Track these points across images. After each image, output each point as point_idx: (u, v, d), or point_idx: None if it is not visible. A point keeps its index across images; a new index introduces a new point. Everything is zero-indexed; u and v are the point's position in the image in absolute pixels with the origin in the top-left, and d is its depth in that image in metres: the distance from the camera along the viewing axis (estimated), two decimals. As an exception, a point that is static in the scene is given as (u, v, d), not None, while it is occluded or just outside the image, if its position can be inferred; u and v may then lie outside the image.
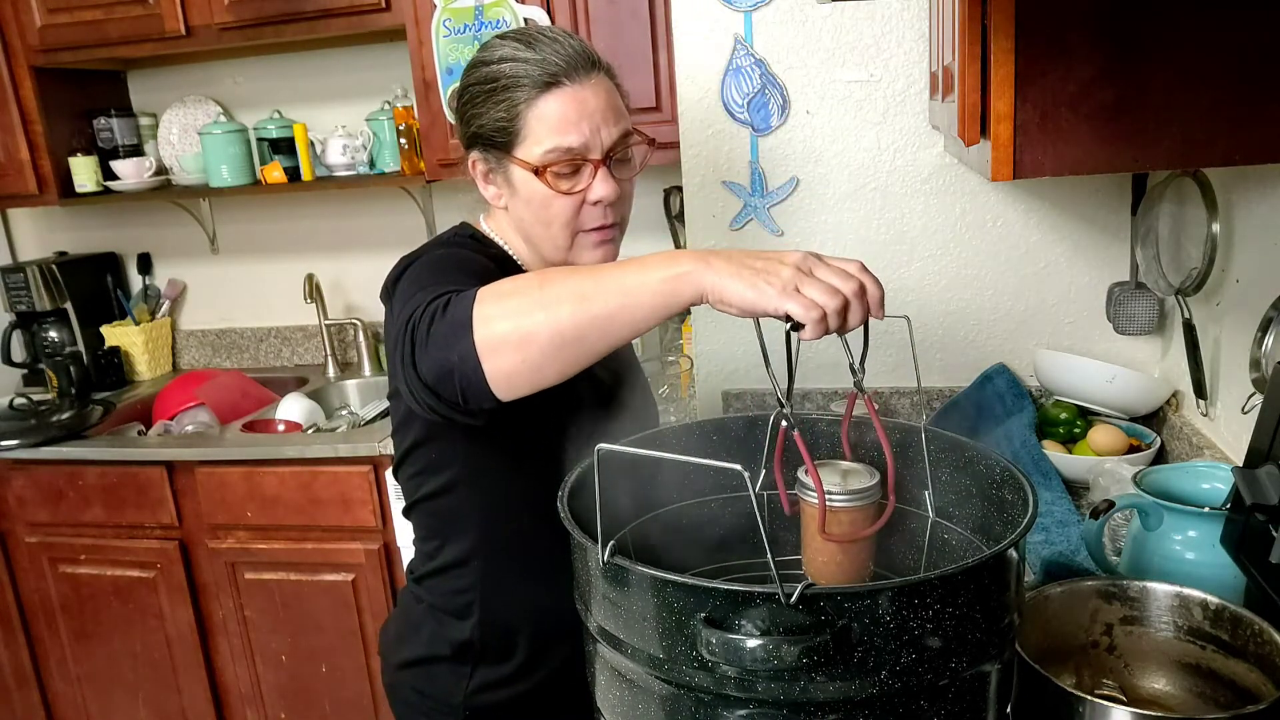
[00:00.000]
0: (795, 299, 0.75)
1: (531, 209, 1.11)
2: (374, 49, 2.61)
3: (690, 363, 2.08)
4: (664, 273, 0.79)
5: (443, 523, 1.18)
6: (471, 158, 1.14)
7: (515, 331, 0.81)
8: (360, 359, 2.82)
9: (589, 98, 1.08)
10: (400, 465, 1.19)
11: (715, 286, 0.77)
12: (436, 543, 1.19)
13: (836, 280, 0.77)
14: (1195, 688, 0.98)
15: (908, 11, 1.76)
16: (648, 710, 0.73)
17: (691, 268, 0.78)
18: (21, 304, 2.77)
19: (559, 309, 0.80)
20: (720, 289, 0.77)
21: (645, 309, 0.79)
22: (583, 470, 0.88)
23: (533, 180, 1.09)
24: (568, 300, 0.80)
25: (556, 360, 0.82)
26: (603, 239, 1.13)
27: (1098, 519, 1.13)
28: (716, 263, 0.78)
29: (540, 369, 0.82)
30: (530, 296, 0.82)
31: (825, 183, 1.88)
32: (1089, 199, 1.80)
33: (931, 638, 0.66)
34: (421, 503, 1.18)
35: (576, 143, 1.07)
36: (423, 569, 1.22)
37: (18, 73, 2.50)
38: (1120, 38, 0.97)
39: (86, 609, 2.47)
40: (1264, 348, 1.27)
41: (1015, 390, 1.81)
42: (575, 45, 1.09)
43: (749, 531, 0.98)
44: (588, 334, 0.80)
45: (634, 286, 0.79)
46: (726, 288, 0.76)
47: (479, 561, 1.16)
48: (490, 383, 0.83)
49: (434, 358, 0.85)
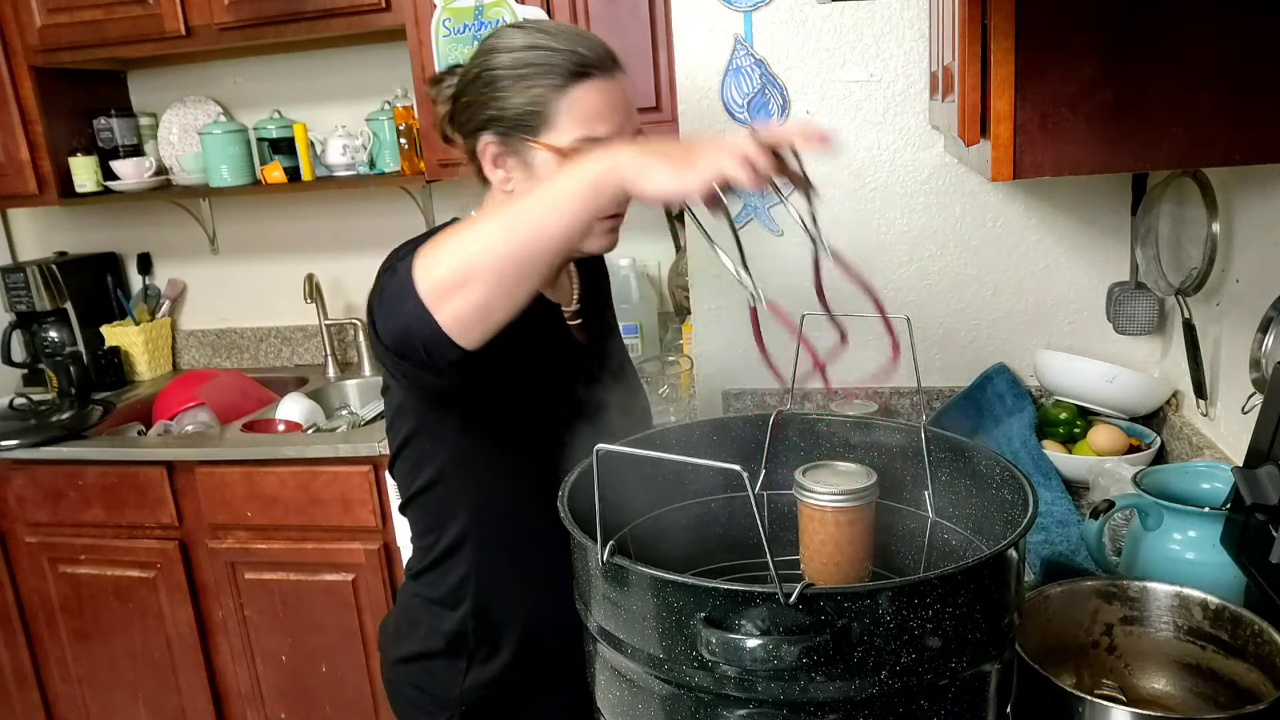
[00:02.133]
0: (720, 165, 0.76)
1: None
2: (374, 49, 2.61)
3: (690, 363, 2.08)
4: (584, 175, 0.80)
5: (436, 515, 1.19)
6: (484, 140, 1.12)
7: (454, 273, 0.83)
8: (360, 359, 2.82)
9: (618, 94, 1.09)
10: (395, 461, 1.20)
11: (634, 179, 0.78)
12: (432, 537, 1.19)
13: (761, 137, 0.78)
14: (1195, 688, 0.98)
15: (908, 11, 1.76)
16: (648, 710, 0.73)
17: (606, 166, 0.79)
18: (21, 304, 2.76)
19: (490, 240, 0.82)
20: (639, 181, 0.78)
21: (572, 214, 0.81)
22: (582, 470, 0.88)
23: (557, 166, 1.08)
24: (496, 230, 0.82)
25: (501, 290, 0.83)
26: (612, 226, 1.14)
27: (1098, 519, 1.13)
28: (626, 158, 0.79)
29: (489, 304, 0.83)
30: (462, 238, 0.84)
31: (825, 183, 1.88)
32: (1089, 199, 1.80)
33: (931, 638, 0.66)
34: (416, 497, 1.19)
35: (605, 134, 1.08)
36: (419, 564, 1.23)
37: (18, 73, 2.50)
38: (1120, 38, 0.97)
39: (86, 609, 2.47)
40: (1264, 348, 1.27)
41: (1015, 390, 1.81)
42: (599, 41, 1.11)
43: (749, 531, 0.98)
44: (523, 255, 0.82)
45: (558, 195, 0.81)
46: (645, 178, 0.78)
47: (470, 551, 1.17)
48: (445, 330, 0.84)
49: (390, 322, 0.87)
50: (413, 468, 1.17)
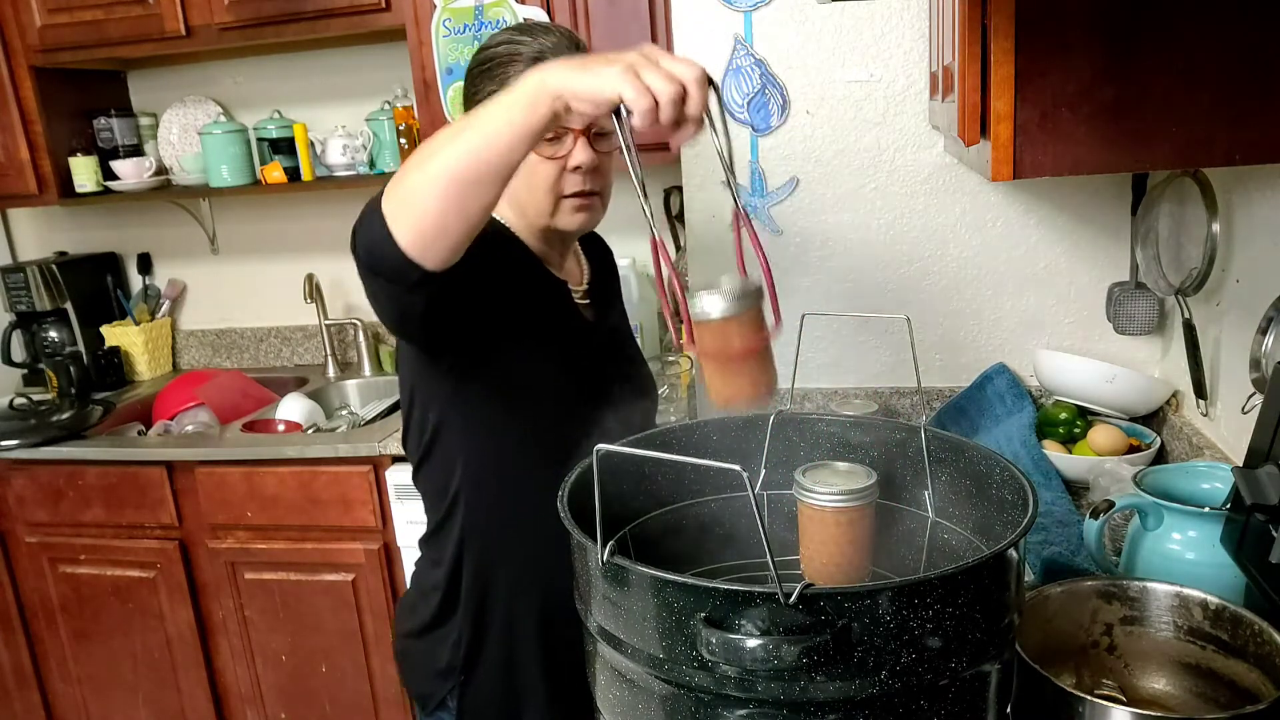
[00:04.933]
0: (633, 80, 0.79)
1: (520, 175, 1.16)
2: (374, 49, 2.61)
3: (690, 363, 2.08)
4: (517, 92, 0.84)
5: (438, 482, 1.22)
6: None
7: (406, 190, 0.88)
8: (360, 359, 2.82)
9: None
10: (406, 435, 1.25)
11: (561, 85, 0.81)
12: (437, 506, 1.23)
13: (678, 68, 0.80)
14: (1195, 688, 0.98)
15: (908, 11, 1.76)
16: (648, 710, 0.73)
17: (539, 76, 0.83)
18: (21, 304, 2.76)
19: (436, 157, 0.86)
20: (564, 85, 0.81)
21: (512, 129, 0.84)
22: (582, 470, 0.88)
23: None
24: (442, 145, 0.86)
25: (453, 206, 0.86)
26: (582, 204, 1.18)
27: (1098, 519, 1.13)
28: (561, 66, 0.83)
29: (441, 216, 0.87)
30: (418, 156, 0.88)
31: (825, 183, 1.88)
32: (1089, 199, 1.80)
33: (931, 638, 0.66)
34: (421, 466, 1.24)
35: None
36: (426, 533, 1.28)
37: (18, 73, 2.50)
38: (1120, 38, 0.98)
39: (86, 609, 2.47)
40: (1264, 348, 1.27)
41: (1015, 390, 1.81)
42: (564, 32, 1.18)
43: (749, 531, 0.98)
44: (472, 169, 0.85)
45: (495, 112, 0.84)
46: (570, 82, 0.81)
47: (461, 515, 1.20)
48: (401, 244, 0.88)
49: (362, 240, 0.93)
50: (418, 436, 1.22)
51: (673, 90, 0.79)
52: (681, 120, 0.81)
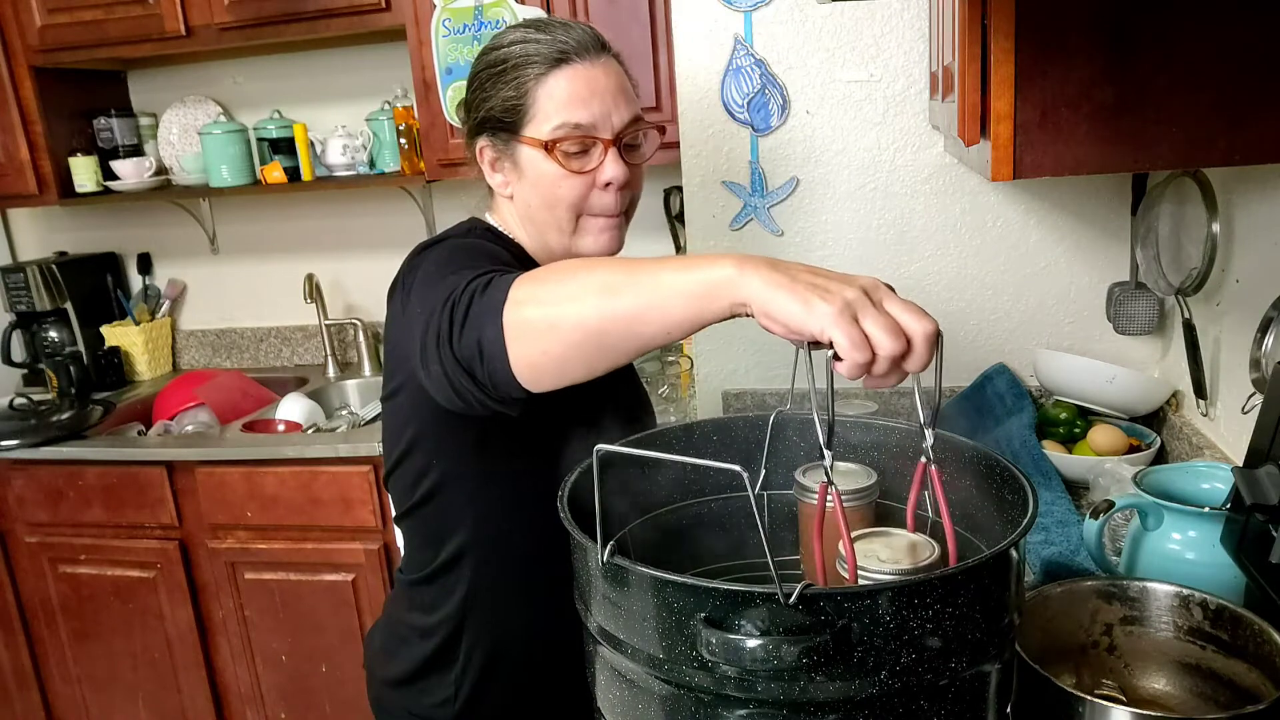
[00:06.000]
0: (848, 327, 0.64)
1: (539, 191, 1.08)
2: (374, 49, 2.61)
3: (690, 363, 2.08)
4: (702, 274, 0.69)
5: (436, 529, 1.14)
6: (479, 144, 1.11)
7: (542, 319, 0.77)
8: (360, 359, 2.82)
9: (599, 76, 1.07)
10: (392, 473, 1.15)
11: (761, 296, 0.67)
12: (430, 553, 1.15)
13: (908, 317, 0.66)
14: (1195, 688, 0.98)
15: (908, 11, 1.76)
16: (648, 710, 0.73)
17: (735, 272, 0.68)
18: (21, 304, 2.76)
19: (585, 300, 0.74)
20: (767, 300, 0.66)
21: (676, 312, 0.71)
22: (582, 471, 0.87)
23: (541, 160, 1.06)
24: (594, 292, 0.74)
25: (580, 354, 0.76)
26: (608, 225, 1.09)
27: (1098, 519, 1.13)
28: (765, 270, 0.67)
29: (565, 361, 0.77)
30: (562, 285, 0.77)
31: (825, 183, 1.88)
32: (1089, 199, 1.80)
33: (931, 638, 0.66)
34: (415, 510, 1.14)
35: (586, 119, 1.05)
36: (414, 575, 1.18)
37: (18, 73, 2.50)
38: (1120, 38, 0.97)
39: (86, 609, 2.47)
40: (1264, 348, 1.27)
41: (1015, 390, 1.81)
42: (585, 28, 1.08)
43: (749, 531, 0.98)
44: (611, 331, 0.74)
45: (665, 285, 0.71)
46: (774, 300, 0.66)
47: (469, 570, 1.12)
48: (514, 370, 0.79)
49: (469, 337, 0.81)
50: (413, 481, 1.12)
51: (897, 348, 0.65)
52: (887, 383, 0.68)
